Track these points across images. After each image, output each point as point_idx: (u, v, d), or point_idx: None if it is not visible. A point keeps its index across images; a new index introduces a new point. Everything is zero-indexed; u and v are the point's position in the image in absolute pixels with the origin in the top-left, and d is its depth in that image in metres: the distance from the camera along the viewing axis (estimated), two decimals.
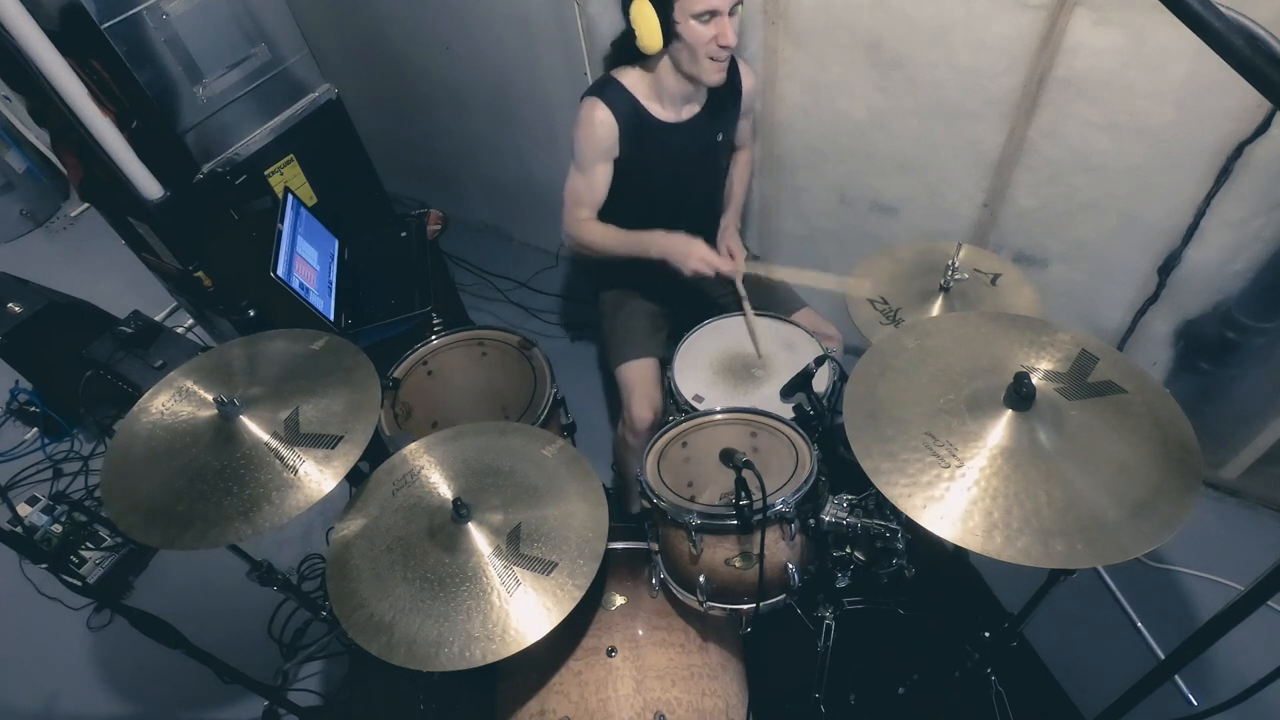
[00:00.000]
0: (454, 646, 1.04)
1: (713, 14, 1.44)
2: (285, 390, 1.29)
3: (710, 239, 1.90)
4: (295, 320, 1.75)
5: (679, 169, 1.71)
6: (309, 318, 1.78)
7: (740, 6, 1.48)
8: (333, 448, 1.19)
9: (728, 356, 1.65)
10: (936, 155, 1.81)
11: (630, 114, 1.60)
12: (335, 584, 1.15)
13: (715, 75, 1.54)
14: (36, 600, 2.14)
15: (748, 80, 1.73)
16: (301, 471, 1.17)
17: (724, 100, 1.68)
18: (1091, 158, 1.62)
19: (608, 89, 1.60)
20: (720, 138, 1.73)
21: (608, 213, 1.76)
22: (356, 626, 1.09)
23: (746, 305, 1.69)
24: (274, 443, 1.20)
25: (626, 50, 1.59)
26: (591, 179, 1.66)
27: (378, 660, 1.05)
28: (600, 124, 1.59)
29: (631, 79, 1.61)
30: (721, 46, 1.48)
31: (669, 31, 1.47)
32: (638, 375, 1.77)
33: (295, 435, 1.21)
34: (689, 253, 1.59)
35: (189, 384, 1.31)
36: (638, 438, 1.75)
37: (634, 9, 1.45)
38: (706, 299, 1.93)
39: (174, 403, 1.29)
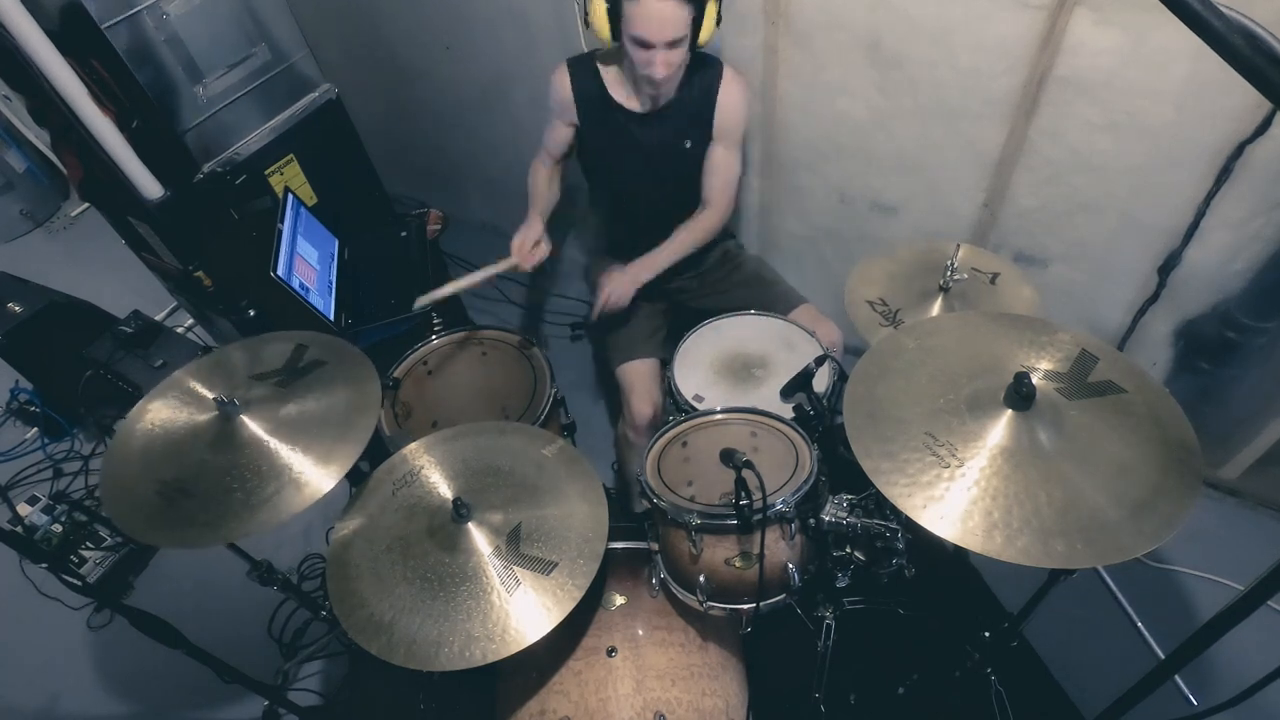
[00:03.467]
0: (454, 646, 1.05)
1: (644, 44, 1.44)
2: (288, 390, 1.29)
3: None
4: (295, 320, 1.75)
5: (644, 160, 1.72)
6: (309, 318, 1.78)
7: (683, 43, 1.45)
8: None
9: (728, 356, 1.65)
10: (936, 155, 1.81)
11: (593, 91, 1.66)
12: (335, 584, 1.15)
13: (649, 90, 1.59)
14: (36, 600, 2.14)
15: (728, 95, 1.62)
16: (303, 469, 1.17)
17: (695, 106, 1.64)
18: (1091, 158, 1.62)
19: (580, 64, 1.67)
20: (688, 145, 1.68)
21: (599, 204, 1.87)
22: (356, 626, 1.09)
23: (464, 280, 1.69)
24: (275, 440, 1.20)
25: None
26: (553, 129, 1.75)
27: (378, 660, 1.05)
28: (557, 87, 1.67)
29: (605, 61, 1.66)
30: (649, 78, 1.50)
31: (615, 35, 1.49)
32: (638, 374, 1.78)
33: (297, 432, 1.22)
34: (517, 235, 1.72)
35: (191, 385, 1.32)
36: (639, 434, 1.76)
37: (591, 3, 1.47)
38: (704, 301, 1.94)
39: (176, 406, 1.29)
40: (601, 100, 1.66)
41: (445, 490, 1.24)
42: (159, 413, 1.28)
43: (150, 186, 1.94)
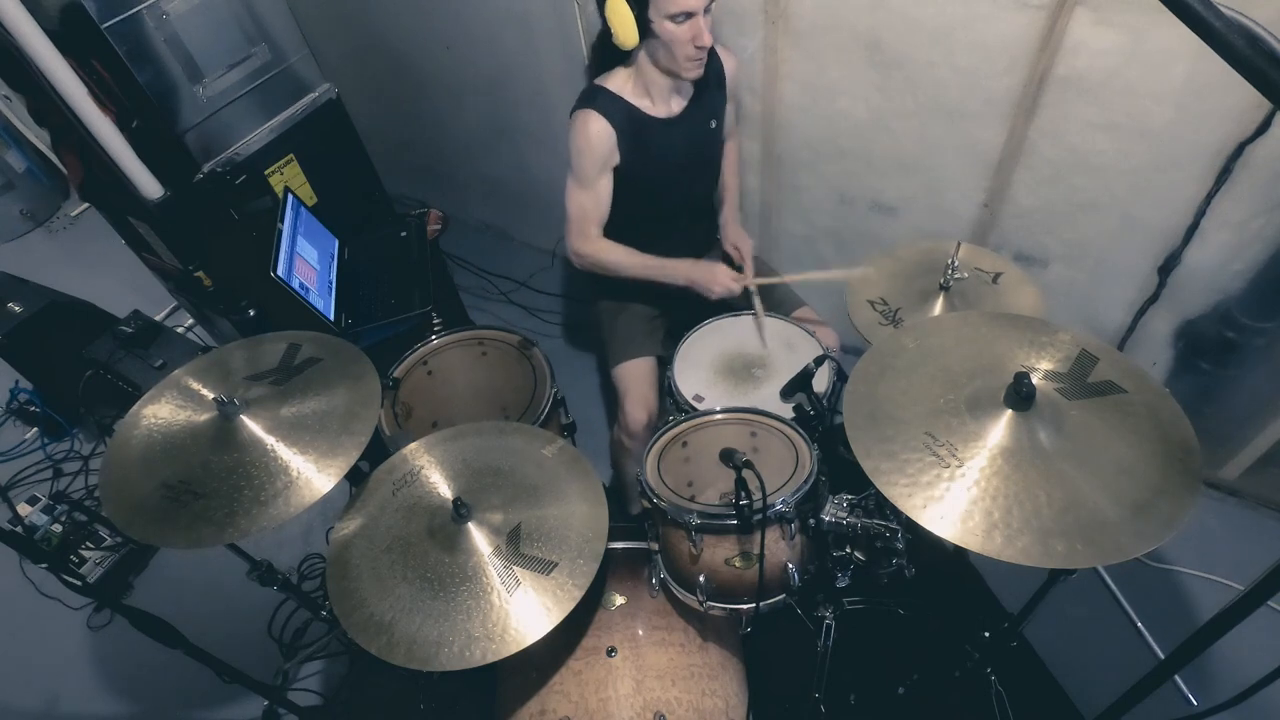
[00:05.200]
0: (454, 646, 1.04)
1: (687, 15, 1.43)
2: (285, 389, 1.29)
3: (705, 229, 1.93)
4: (295, 320, 1.75)
5: (680, 163, 1.71)
6: (309, 318, 1.78)
7: (714, 4, 1.47)
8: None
9: (728, 356, 1.65)
10: (936, 155, 1.81)
11: (624, 117, 1.60)
12: (335, 583, 1.15)
13: (693, 72, 1.54)
14: (36, 600, 2.15)
15: (729, 62, 1.72)
16: (305, 468, 1.16)
17: (710, 87, 1.68)
18: (1091, 158, 1.62)
19: (598, 98, 1.59)
20: (714, 124, 1.73)
21: (612, 218, 1.77)
22: (356, 626, 1.09)
23: (758, 303, 1.71)
24: (276, 440, 1.20)
25: (606, 53, 1.59)
26: (596, 193, 1.65)
27: (378, 660, 1.05)
28: (597, 135, 1.57)
29: (617, 82, 1.61)
30: (698, 47, 1.48)
31: (644, 29, 1.47)
32: (634, 375, 1.78)
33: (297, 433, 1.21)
34: (714, 279, 1.64)
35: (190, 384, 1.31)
36: (633, 439, 1.75)
37: (609, 6, 1.45)
38: (703, 300, 1.93)
39: (175, 407, 1.29)
40: (633, 121, 1.61)
41: (445, 490, 1.24)
42: (158, 414, 1.28)
43: (150, 186, 1.94)
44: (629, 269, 1.71)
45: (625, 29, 1.46)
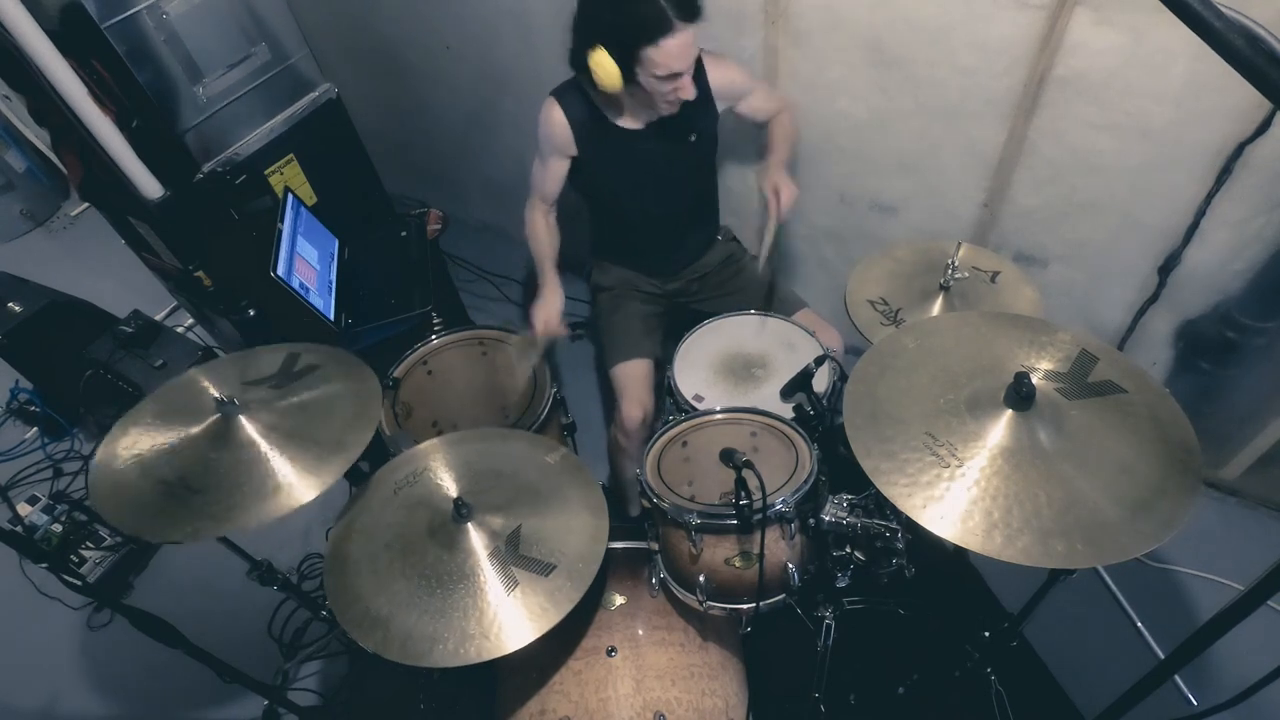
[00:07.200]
0: (449, 643, 1.05)
1: (675, 75, 1.45)
2: (286, 391, 1.29)
3: (702, 235, 1.93)
4: (295, 320, 1.76)
5: (648, 172, 1.71)
6: (309, 318, 1.78)
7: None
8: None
9: (728, 356, 1.65)
10: (936, 155, 1.81)
11: (587, 119, 1.63)
12: (333, 578, 1.16)
13: (670, 110, 1.55)
14: (36, 600, 2.14)
15: (717, 72, 1.65)
16: (304, 467, 1.17)
17: (691, 102, 1.62)
18: (1091, 158, 1.62)
19: (568, 93, 1.63)
20: (694, 138, 1.70)
21: (598, 215, 1.84)
22: (352, 621, 1.09)
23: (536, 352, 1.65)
24: (276, 438, 1.20)
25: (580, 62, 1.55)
26: (546, 168, 1.72)
27: (378, 659, 1.05)
28: (553, 123, 1.63)
29: (590, 87, 1.61)
30: (677, 102, 1.49)
31: (629, 78, 1.46)
32: (630, 376, 1.78)
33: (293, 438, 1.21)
34: (537, 314, 1.66)
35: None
36: (628, 438, 1.75)
37: (592, 59, 1.44)
38: (706, 304, 1.94)
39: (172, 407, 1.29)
40: (598, 124, 1.64)
41: (446, 490, 1.24)
42: (153, 416, 1.28)
43: (150, 186, 1.94)
44: (530, 248, 1.80)
45: (610, 79, 1.45)
